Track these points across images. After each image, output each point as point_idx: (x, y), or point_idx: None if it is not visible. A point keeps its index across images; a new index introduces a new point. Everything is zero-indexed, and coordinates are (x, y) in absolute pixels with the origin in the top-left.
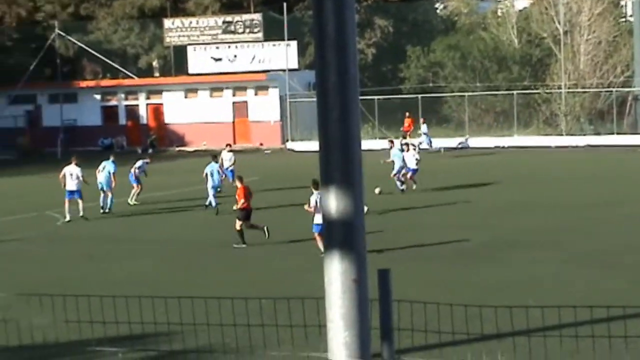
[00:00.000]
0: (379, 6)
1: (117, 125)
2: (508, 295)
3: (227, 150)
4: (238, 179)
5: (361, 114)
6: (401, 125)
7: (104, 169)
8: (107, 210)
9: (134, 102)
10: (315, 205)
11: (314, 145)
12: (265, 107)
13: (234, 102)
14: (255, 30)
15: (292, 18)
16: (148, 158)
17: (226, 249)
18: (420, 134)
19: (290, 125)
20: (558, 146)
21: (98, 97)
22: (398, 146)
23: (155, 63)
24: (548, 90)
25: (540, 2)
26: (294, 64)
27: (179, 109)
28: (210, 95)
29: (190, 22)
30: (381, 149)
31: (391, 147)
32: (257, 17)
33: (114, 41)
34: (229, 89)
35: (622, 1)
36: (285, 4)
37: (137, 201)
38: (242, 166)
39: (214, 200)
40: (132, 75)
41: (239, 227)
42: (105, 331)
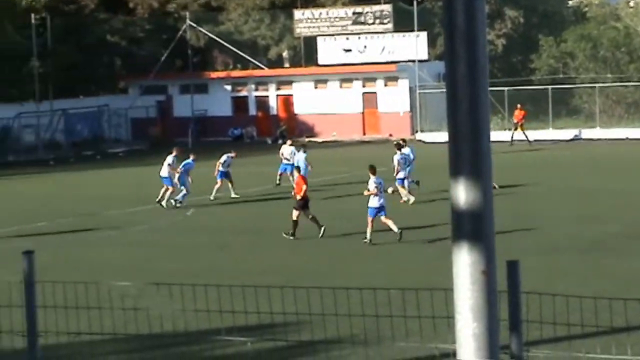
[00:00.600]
0: None
1: (247, 115)
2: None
3: (289, 144)
4: (296, 169)
5: (491, 105)
6: (531, 117)
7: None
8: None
9: (264, 93)
10: (374, 189)
11: (443, 136)
12: (394, 98)
13: (363, 93)
14: (385, 21)
15: (422, 9)
16: (233, 152)
17: (352, 239)
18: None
19: (420, 116)
20: None
21: (228, 87)
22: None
23: (285, 54)
24: None
25: None
26: (424, 55)
27: (309, 99)
28: (340, 86)
29: (320, 13)
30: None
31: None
32: (387, 8)
33: (245, 32)
34: (359, 80)
35: None
36: None
37: (237, 194)
38: (372, 157)
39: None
40: (262, 66)
41: (295, 217)
42: (235, 321)
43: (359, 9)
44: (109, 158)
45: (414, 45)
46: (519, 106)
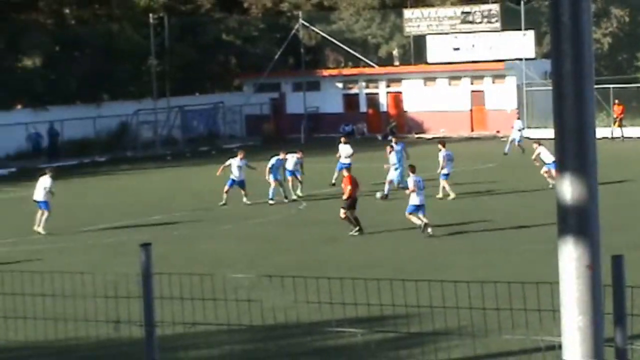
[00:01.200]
0: None
1: (357, 112)
2: None
3: (344, 142)
4: (346, 169)
5: (596, 103)
6: (635, 114)
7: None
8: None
9: (374, 90)
10: (413, 187)
11: (549, 132)
12: (502, 96)
13: (471, 91)
14: (493, 20)
15: (529, 8)
16: (299, 152)
17: (454, 233)
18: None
19: (527, 113)
20: None
21: (340, 85)
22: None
23: (395, 52)
24: None
25: None
26: (531, 53)
27: (418, 97)
28: (449, 84)
29: (430, 13)
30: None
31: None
32: (494, 7)
33: (356, 31)
34: (467, 78)
35: None
36: None
37: (301, 193)
38: (479, 153)
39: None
40: (372, 64)
41: (343, 216)
42: (345, 313)
43: (467, 9)
44: (223, 153)
45: (521, 43)
46: (617, 102)
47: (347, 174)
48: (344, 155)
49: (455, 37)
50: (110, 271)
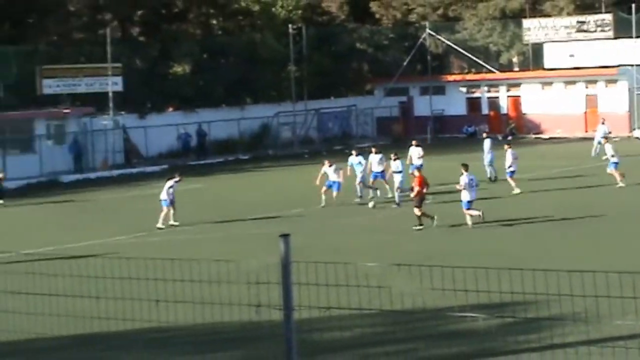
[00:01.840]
0: None
1: (479, 114)
2: None
3: (415, 145)
4: (417, 169)
5: None
6: None
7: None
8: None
9: (495, 94)
10: (464, 184)
11: None
12: (614, 99)
13: (586, 94)
14: (606, 28)
15: None
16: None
17: (562, 226)
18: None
19: (637, 115)
20: None
21: (463, 89)
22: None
23: (514, 59)
24: None
25: None
26: None
27: (536, 100)
28: (564, 88)
29: (547, 22)
30: None
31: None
32: (608, 17)
33: (478, 39)
34: (582, 82)
35: None
36: (634, 5)
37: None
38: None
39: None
40: (493, 70)
41: (419, 213)
42: (467, 299)
43: (582, 18)
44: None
45: (632, 50)
46: None
47: (418, 174)
48: (415, 157)
49: (571, 45)
50: (253, 259)
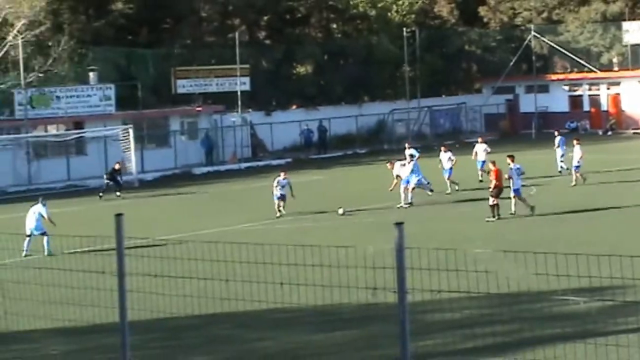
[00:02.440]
0: None
1: (581, 111)
2: None
3: (481, 142)
4: (492, 162)
5: None
6: None
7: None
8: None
9: (595, 92)
10: (509, 175)
11: None
12: None
13: None
14: None
15: None
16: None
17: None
18: None
19: None
20: None
21: (566, 88)
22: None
23: (614, 59)
24: None
25: None
26: None
27: (635, 97)
28: None
29: None
30: None
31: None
32: None
33: (580, 41)
34: None
35: None
36: None
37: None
38: None
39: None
40: (594, 69)
41: (492, 203)
42: (569, 283)
43: None
44: (465, 146)
45: None
46: None
47: (495, 167)
48: (480, 152)
49: None
50: (370, 245)
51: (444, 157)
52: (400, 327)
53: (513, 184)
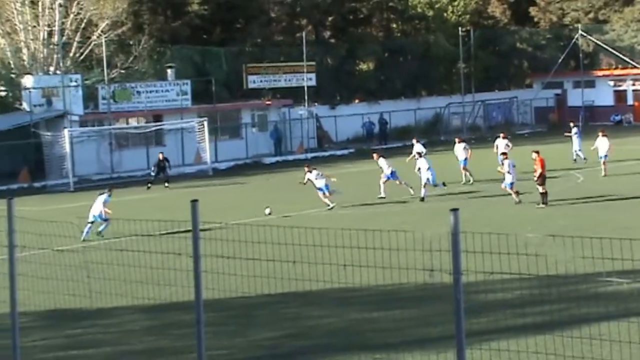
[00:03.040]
0: None
1: (625, 105)
2: None
3: (503, 137)
4: (535, 152)
5: None
6: None
7: None
8: None
9: (639, 87)
10: (507, 169)
11: None
12: None
13: None
14: None
15: None
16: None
17: None
18: None
19: None
20: None
21: (611, 83)
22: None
23: None
24: None
25: None
26: None
27: None
28: None
29: None
30: None
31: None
32: None
33: (625, 39)
34: None
35: None
36: None
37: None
38: None
39: None
40: (638, 66)
41: (542, 191)
42: (613, 266)
43: None
44: (517, 138)
45: None
46: None
47: (539, 156)
48: (501, 146)
49: None
50: (427, 230)
51: (459, 148)
52: (456, 306)
53: (508, 178)
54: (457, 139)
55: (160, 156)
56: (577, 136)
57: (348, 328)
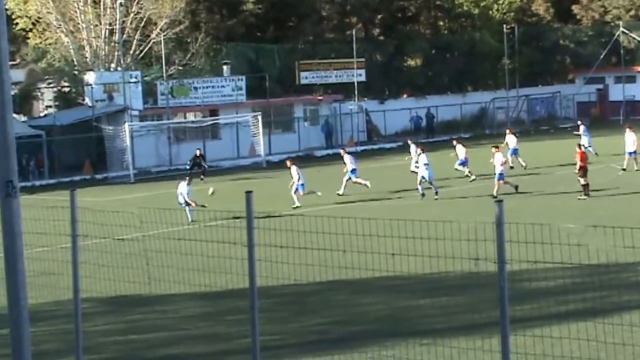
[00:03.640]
0: None
1: None
2: None
3: (510, 133)
4: (578, 145)
5: None
6: None
7: None
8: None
9: None
10: (500, 161)
11: None
12: None
13: None
14: None
15: None
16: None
17: None
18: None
19: None
20: None
21: None
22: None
23: None
24: None
25: None
26: None
27: None
28: None
29: None
30: None
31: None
32: None
33: None
34: None
35: None
36: None
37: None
38: None
39: None
40: None
41: (584, 182)
42: None
43: None
44: (559, 132)
45: None
46: None
47: (580, 150)
48: (511, 142)
49: None
50: (471, 220)
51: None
52: (500, 294)
53: (499, 169)
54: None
55: (198, 152)
56: (585, 134)
57: (396, 315)
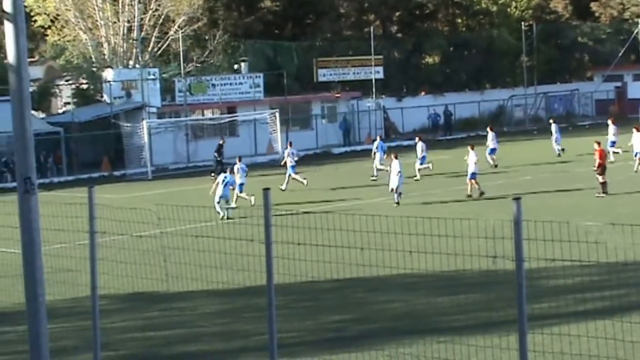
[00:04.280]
0: None
1: None
2: None
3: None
4: (596, 142)
5: None
6: None
7: None
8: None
9: None
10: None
11: None
12: None
13: None
14: None
15: None
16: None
17: None
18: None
19: None
20: None
21: None
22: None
23: None
24: None
25: None
26: None
27: None
28: None
29: None
30: None
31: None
32: None
33: None
34: None
35: None
36: None
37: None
38: None
39: None
40: None
41: (602, 180)
42: None
43: None
44: (578, 129)
45: None
46: None
47: (598, 147)
48: (554, 132)
49: None
50: (489, 218)
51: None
52: (518, 291)
53: (472, 169)
54: (418, 137)
55: (221, 141)
56: (556, 132)
57: (413, 312)
